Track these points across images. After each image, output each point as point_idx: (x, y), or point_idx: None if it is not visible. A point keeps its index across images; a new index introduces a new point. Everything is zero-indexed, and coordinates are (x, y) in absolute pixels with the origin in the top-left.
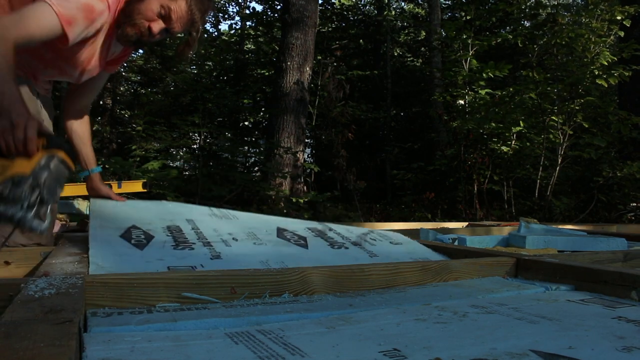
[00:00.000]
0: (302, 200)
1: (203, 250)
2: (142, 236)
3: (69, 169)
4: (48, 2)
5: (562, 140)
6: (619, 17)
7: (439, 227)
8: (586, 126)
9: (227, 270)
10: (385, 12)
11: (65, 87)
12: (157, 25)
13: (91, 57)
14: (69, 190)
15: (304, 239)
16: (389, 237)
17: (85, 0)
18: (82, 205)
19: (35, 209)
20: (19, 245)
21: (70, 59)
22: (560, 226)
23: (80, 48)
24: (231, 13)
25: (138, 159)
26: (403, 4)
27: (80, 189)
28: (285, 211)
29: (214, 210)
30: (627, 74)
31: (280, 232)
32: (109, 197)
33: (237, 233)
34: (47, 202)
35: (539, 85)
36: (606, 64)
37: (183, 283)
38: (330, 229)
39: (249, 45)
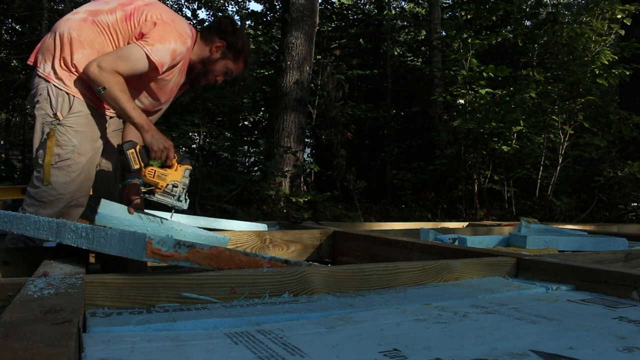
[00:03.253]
0: (302, 200)
1: None
2: None
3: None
4: (145, 51)
5: (562, 140)
6: (619, 16)
7: (439, 227)
8: (587, 126)
9: (227, 271)
10: (385, 12)
11: None
12: (222, 78)
13: (173, 88)
14: None
15: None
16: None
17: (173, 47)
18: None
19: (184, 199)
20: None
21: (162, 88)
22: (560, 226)
23: (169, 80)
24: (230, 12)
25: None
26: (403, 3)
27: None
28: (285, 211)
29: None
30: (627, 73)
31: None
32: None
33: None
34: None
35: (539, 84)
36: (607, 62)
37: (182, 283)
38: None
39: None
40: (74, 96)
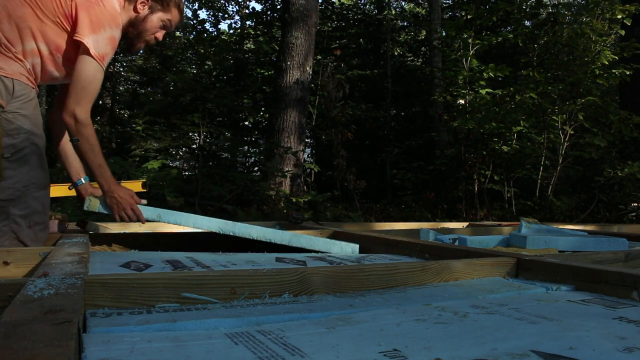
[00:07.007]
0: (302, 200)
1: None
2: (142, 265)
3: None
4: (91, 54)
5: (562, 140)
6: (619, 16)
7: (439, 227)
8: (587, 126)
9: (227, 271)
10: (385, 12)
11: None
12: (161, 34)
13: None
14: (61, 191)
15: (303, 261)
16: (388, 256)
17: (109, 34)
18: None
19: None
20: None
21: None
22: (561, 226)
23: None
24: (231, 12)
25: (137, 158)
26: (403, 3)
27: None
28: (285, 211)
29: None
30: (628, 73)
31: (279, 259)
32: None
33: (235, 261)
34: None
35: (539, 84)
36: (607, 63)
37: (183, 283)
38: (329, 255)
39: (248, 45)
40: (12, 79)
